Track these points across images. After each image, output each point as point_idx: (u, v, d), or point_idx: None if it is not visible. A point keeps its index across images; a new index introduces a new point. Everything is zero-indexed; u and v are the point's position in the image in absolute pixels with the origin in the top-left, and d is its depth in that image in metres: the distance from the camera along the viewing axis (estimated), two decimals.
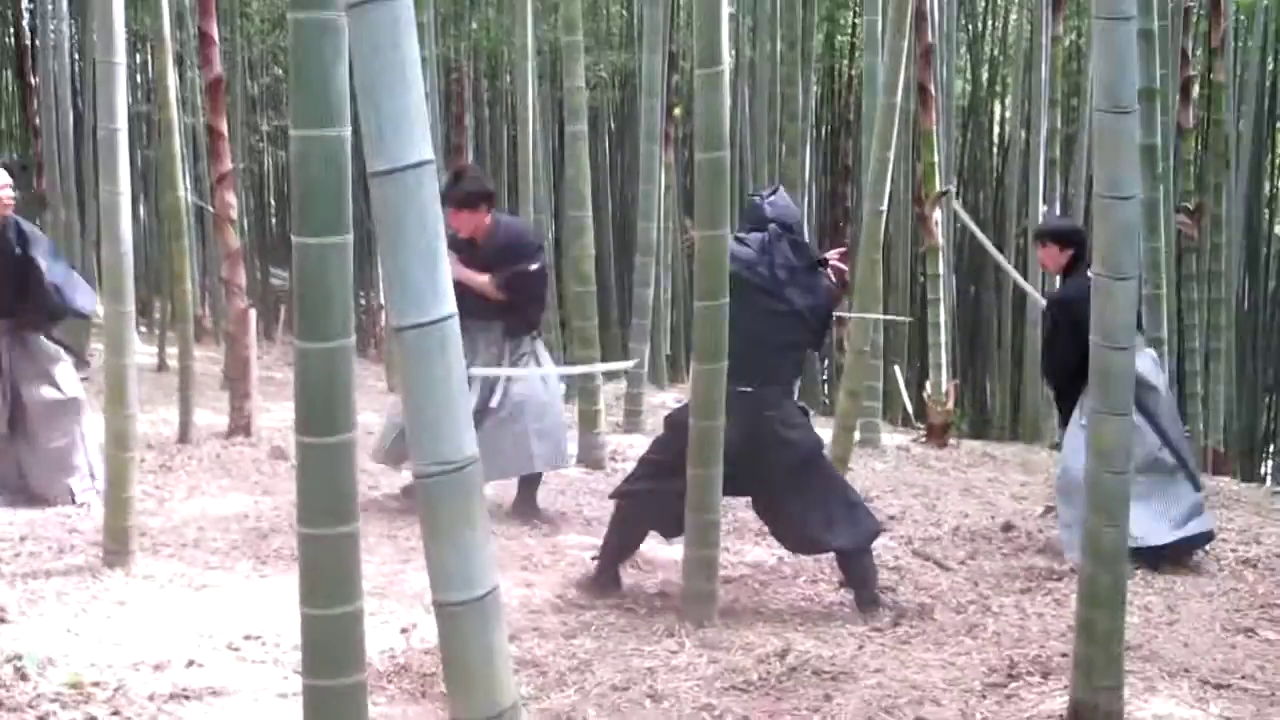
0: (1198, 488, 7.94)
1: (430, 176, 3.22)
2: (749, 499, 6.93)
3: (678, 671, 5.49)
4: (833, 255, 6.92)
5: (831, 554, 6.75)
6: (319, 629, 3.64)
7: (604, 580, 6.66)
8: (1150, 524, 7.36)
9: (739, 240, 6.48)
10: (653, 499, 6.50)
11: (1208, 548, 7.93)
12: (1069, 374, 7.54)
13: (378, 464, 8.75)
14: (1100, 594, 4.73)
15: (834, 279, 6.81)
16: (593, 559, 6.91)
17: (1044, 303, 8.08)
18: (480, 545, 3.32)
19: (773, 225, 6.53)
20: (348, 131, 3.51)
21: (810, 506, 6.44)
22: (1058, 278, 8.41)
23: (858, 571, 6.54)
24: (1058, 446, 14.28)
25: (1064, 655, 5.53)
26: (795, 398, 6.73)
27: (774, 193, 6.79)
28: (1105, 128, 4.50)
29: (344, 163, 3.51)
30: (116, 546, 6.70)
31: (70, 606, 6.05)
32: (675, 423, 6.53)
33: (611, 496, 6.93)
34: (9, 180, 8.05)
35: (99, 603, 6.13)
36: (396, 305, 3.23)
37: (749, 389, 6.27)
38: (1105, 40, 4.47)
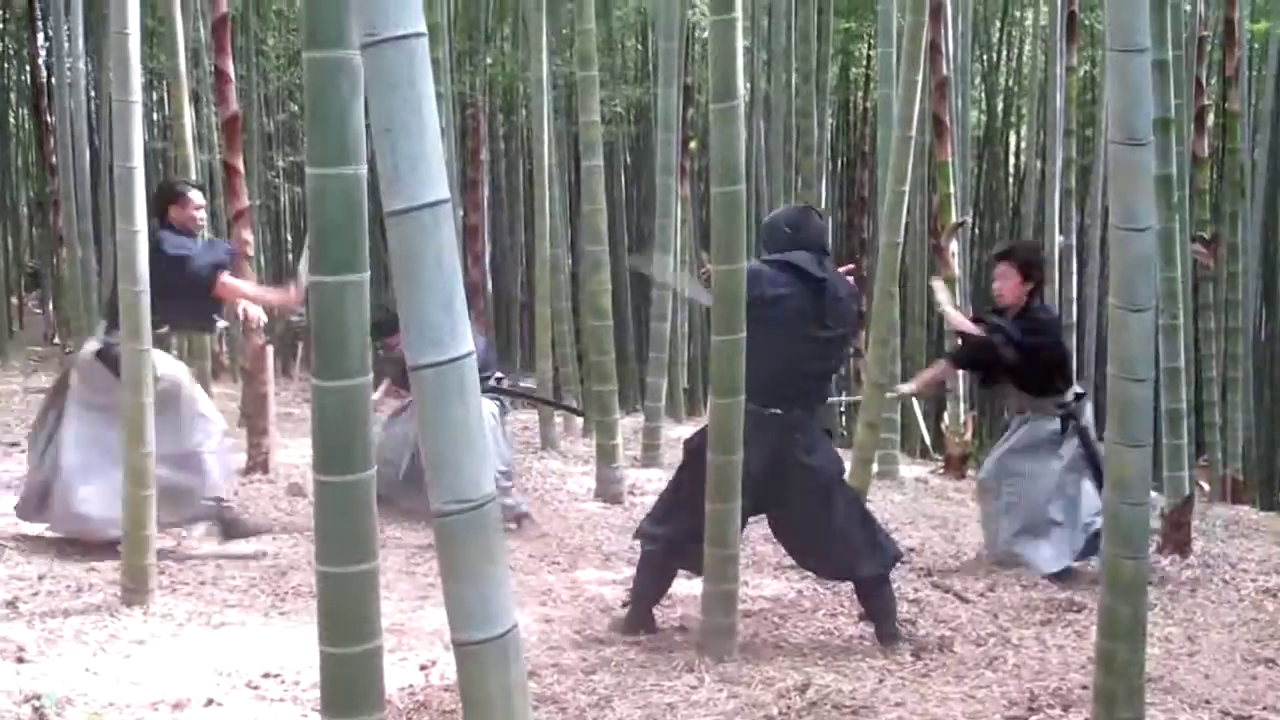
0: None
1: (446, 215, 3.23)
2: (769, 529, 6.91)
3: (698, 707, 5.47)
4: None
5: (850, 585, 6.74)
6: (338, 667, 3.64)
7: (636, 624, 6.62)
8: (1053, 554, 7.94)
9: (788, 263, 6.38)
10: (680, 539, 6.44)
11: (1228, 578, 7.92)
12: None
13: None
14: (1120, 626, 4.71)
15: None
16: (624, 605, 6.88)
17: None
18: (499, 583, 3.31)
19: (825, 249, 6.54)
20: (364, 169, 3.52)
21: (834, 531, 6.43)
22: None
23: (878, 602, 6.52)
24: None
25: (1084, 687, 5.50)
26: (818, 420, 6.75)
27: (818, 213, 6.78)
28: (1120, 159, 4.50)
29: (360, 201, 3.52)
30: (135, 585, 6.70)
31: (89, 645, 6.05)
32: (695, 450, 6.51)
33: (635, 537, 6.90)
34: (203, 201, 8.33)
35: (117, 641, 6.14)
36: (413, 344, 3.23)
37: (779, 411, 6.27)
38: (1119, 72, 4.47)
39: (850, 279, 6.74)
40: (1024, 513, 8.05)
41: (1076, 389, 8.38)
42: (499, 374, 9.53)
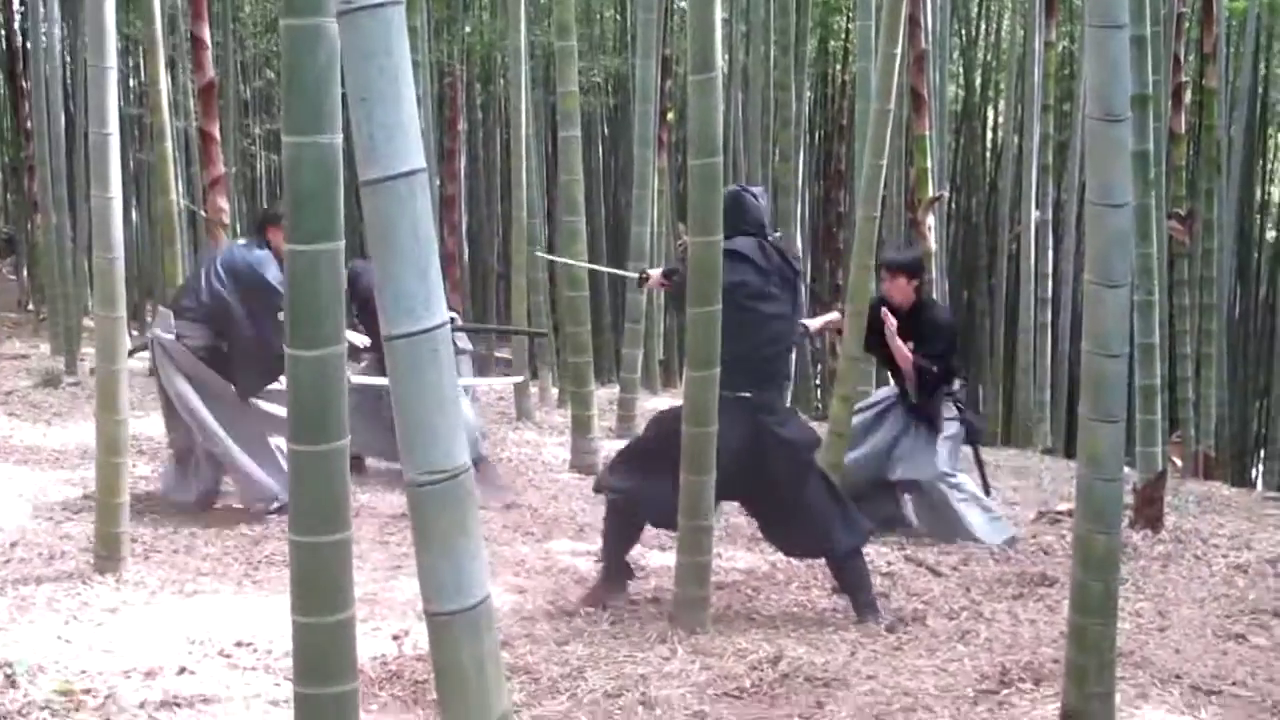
0: (986, 491, 8.74)
1: (422, 185, 3.21)
2: (740, 504, 6.93)
3: (670, 678, 5.48)
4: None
5: (823, 559, 6.76)
6: (311, 636, 3.64)
7: (613, 577, 6.64)
8: None
9: (734, 251, 6.37)
10: (643, 491, 6.47)
11: (1199, 553, 7.96)
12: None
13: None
14: (1092, 601, 4.73)
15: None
16: (596, 561, 6.89)
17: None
18: (473, 554, 3.31)
19: (765, 228, 6.57)
20: (339, 138, 3.51)
21: (808, 508, 6.46)
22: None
23: (852, 576, 6.53)
24: (1049, 451, 14.34)
25: (1056, 662, 5.53)
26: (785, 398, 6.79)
27: (764, 193, 6.81)
28: (1098, 135, 4.50)
29: (336, 170, 3.50)
30: (107, 553, 6.69)
31: (61, 613, 6.04)
32: (663, 420, 6.63)
33: (596, 489, 6.89)
34: None
35: (90, 609, 6.12)
36: (388, 314, 3.22)
37: (748, 394, 6.28)
38: (1098, 48, 4.47)
39: (796, 253, 6.80)
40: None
41: (961, 379, 8.98)
42: (453, 313, 9.54)
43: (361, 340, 8.70)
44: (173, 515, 8.12)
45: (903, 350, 8.41)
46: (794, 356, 6.86)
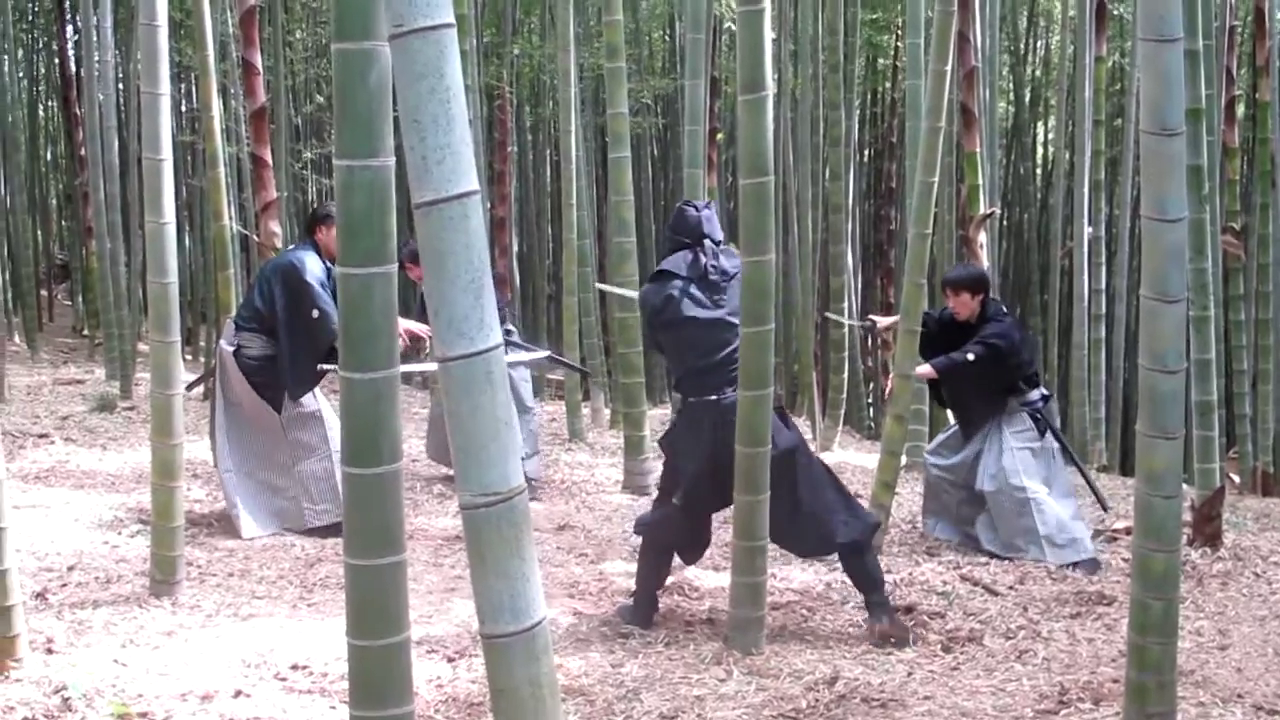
0: (1104, 508, 8.95)
1: (475, 207, 3.21)
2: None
3: (726, 700, 5.46)
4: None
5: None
6: (366, 659, 3.64)
7: (644, 608, 6.65)
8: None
9: (662, 269, 6.60)
10: (666, 525, 6.61)
11: (1259, 570, 7.88)
12: (984, 399, 8.52)
13: (430, 459, 9.56)
14: (1152, 620, 4.69)
15: None
16: (630, 594, 6.89)
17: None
18: (528, 576, 3.30)
19: (707, 240, 6.58)
20: (392, 161, 3.52)
21: (802, 503, 6.50)
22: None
23: (864, 571, 6.55)
24: (1106, 469, 14.23)
25: (1115, 681, 5.49)
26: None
27: (708, 206, 6.85)
28: (1152, 150, 4.47)
29: (388, 193, 3.52)
30: (163, 577, 6.73)
31: (117, 636, 6.07)
32: (666, 443, 6.73)
33: (636, 531, 6.93)
34: None
35: (146, 633, 6.15)
36: (442, 337, 3.22)
37: (715, 397, 6.36)
38: (1152, 62, 4.44)
39: (735, 252, 6.79)
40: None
41: (1043, 390, 8.71)
42: (509, 328, 9.64)
43: (424, 330, 8.71)
44: (227, 538, 8.15)
45: (924, 370, 8.50)
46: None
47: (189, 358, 18.42)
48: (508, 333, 9.06)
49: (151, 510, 6.84)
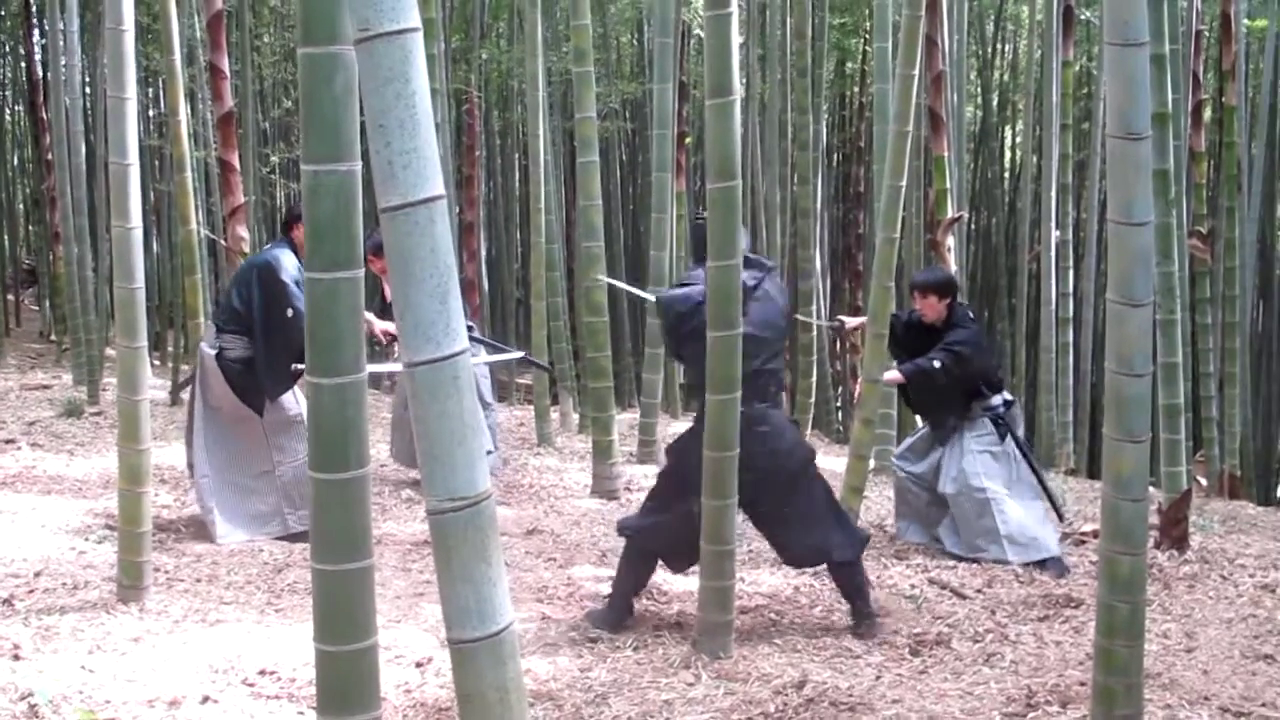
0: (1060, 518, 8.92)
1: (442, 212, 3.21)
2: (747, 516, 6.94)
3: (694, 704, 5.46)
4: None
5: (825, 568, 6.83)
6: (334, 665, 3.63)
7: (617, 612, 6.65)
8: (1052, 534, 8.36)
9: (682, 285, 6.61)
10: (660, 531, 6.61)
11: (1226, 573, 7.91)
12: (949, 404, 8.57)
13: (396, 462, 9.73)
14: (1119, 622, 4.70)
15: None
16: (606, 597, 6.89)
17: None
18: (495, 581, 3.30)
19: None
20: (358, 166, 3.51)
21: (804, 517, 6.55)
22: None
23: (855, 581, 6.63)
24: (1073, 472, 14.28)
25: (1082, 684, 5.50)
26: (782, 410, 6.83)
27: None
28: (1118, 154, 4.48)
29: (355, 197, 3.51)
30: (130, 582, 6.70)
31: (84, 642, 6.04)
32: (676, 450, 6.69)
33: (620, 532, 6.91)
34: None
35: (113, 639, 6.12)
36: (408, 341, 3.22)
37: (740, 408, 6.31)
38: (1118, 66, 4.45)
39: (765, 261, 6.85)
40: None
41: (1005, 396, 8.74)
42: (470, 324, 9.66)
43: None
44: (195, 544, 8.12)
45: (892, 377, 8.56)
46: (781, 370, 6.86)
47: (156, 363, 18.37)
48: (469, 328, 9.07)
49: (119, 515, 6.80)
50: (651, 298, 9.35)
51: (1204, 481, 13.33)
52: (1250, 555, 8.46)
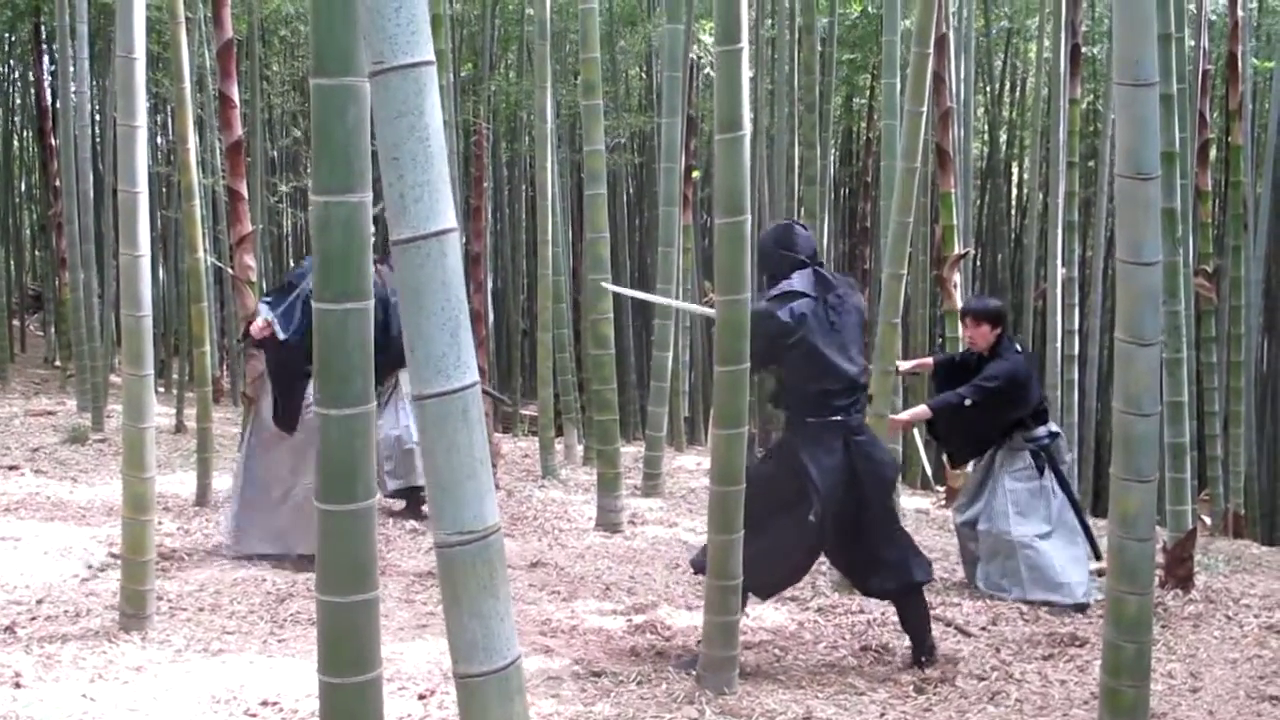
0: (1097, 556, 8.51)
1: (453, 245, 3.21)
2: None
3: None
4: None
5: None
6: (337, 697, 3.62)
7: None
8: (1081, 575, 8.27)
9: (792, 291, 6.48)
10: (775, 560, 6.55)
11: (1231, 613, 7.89)
12: (982, 439, 8.56)
13: None
14: (1124, 663, 4.69)
15: None
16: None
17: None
18: (502, 615, 3.29)
19: (816, 256, 6.66)
20: (369, 197, 3.51)
21: (892, 534, 6.59)
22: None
23: (923, 609, 6.69)
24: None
25: None
26: None
27: (802, 225, 6.88)
28: (1127, 193, 4.49)
29: (364, 228, 3.51)
30: (133, 611, 6.68)
31: (86, 671, 6.02)
32: (752, 478, 6.62)
33: (699, 571, 6.76)
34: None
35: (115, 667, 6.11)
36: (419, 373, 3.22)
37: (841, 417, 6.41)
38: (1127, 106, 4.47)
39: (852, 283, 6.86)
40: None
41: (1051, 427, 8.64)
42: None
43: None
44: (198, 572, 8.11)
45: (918, 414, 8.59)
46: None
47: (161, 390, 18.36)
48: None
49: (122, 543, 6.80)
50: (663, 300, 9.34)
51: (1208, 520, 13.29)
52: (1255, 595, 8.44)
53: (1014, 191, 26.44)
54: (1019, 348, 8.66)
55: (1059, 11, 15.11)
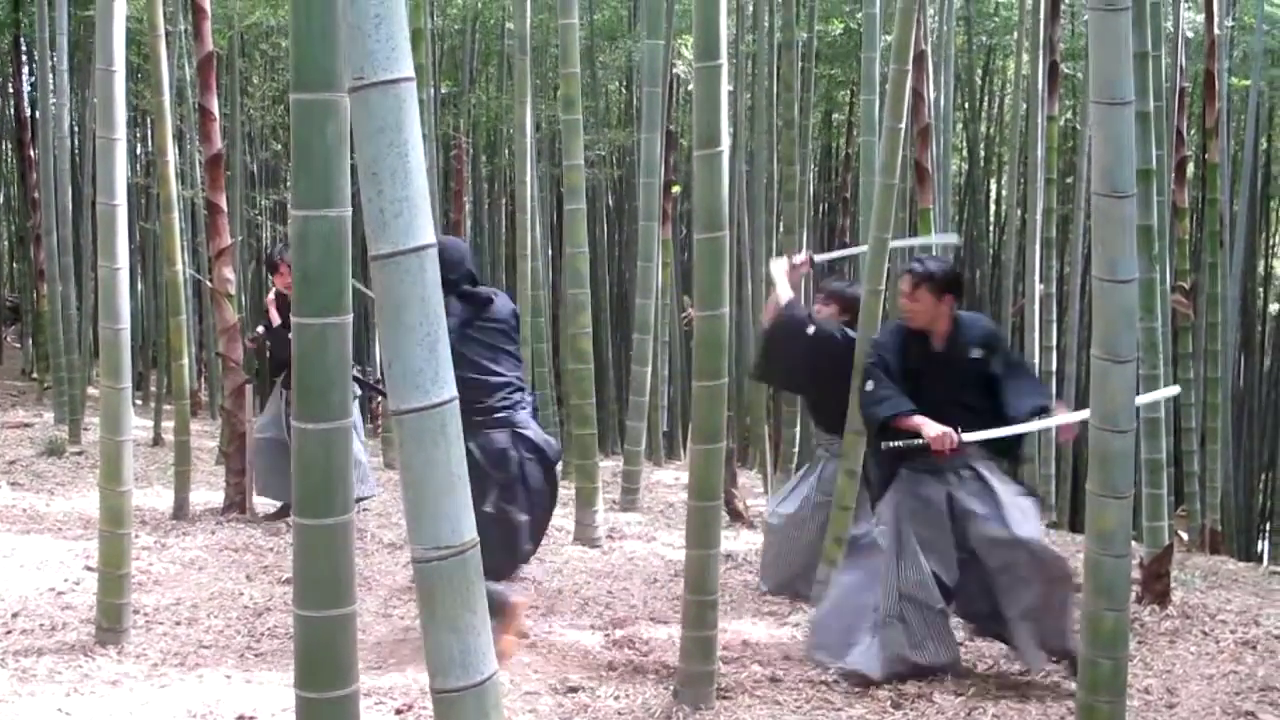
0: None
1: (432, 260, 3.22)
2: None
3: None
4: None
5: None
6: (314, 712, 3.62)
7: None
8: None
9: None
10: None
11: (1207, 629, 7.91)
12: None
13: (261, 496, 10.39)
14: (1100, 679, 4.70)
15: None
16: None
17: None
18: (479, 630, 3.30)
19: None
20: (348, 212, 3.52)
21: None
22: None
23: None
24: (1055, 525, 14.28)
25: None
26: None
27: None
28: (1103, 212, 4.51)
29: (344, 243, 3.52)
30: (110, 624, 6.67)
31: (62, 685, 6.01)
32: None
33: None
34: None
35: (91, 681, 6.09)
36: (396, 389, 3.22)
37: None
38: (1103, 125, 4.49)
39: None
40: None
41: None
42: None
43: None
44: (175, 587, 8.10)
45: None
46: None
47: (139, 403, 18.31)
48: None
49: (99, 557, 6.79)
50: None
51: (1185, 536, 13.33)
52: (1231, 611, 8.46)
53: (992, 208, 26.51)
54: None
55: (1037, 29, 15.18)
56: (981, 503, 6.56)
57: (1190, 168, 14.89)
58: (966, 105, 25.22)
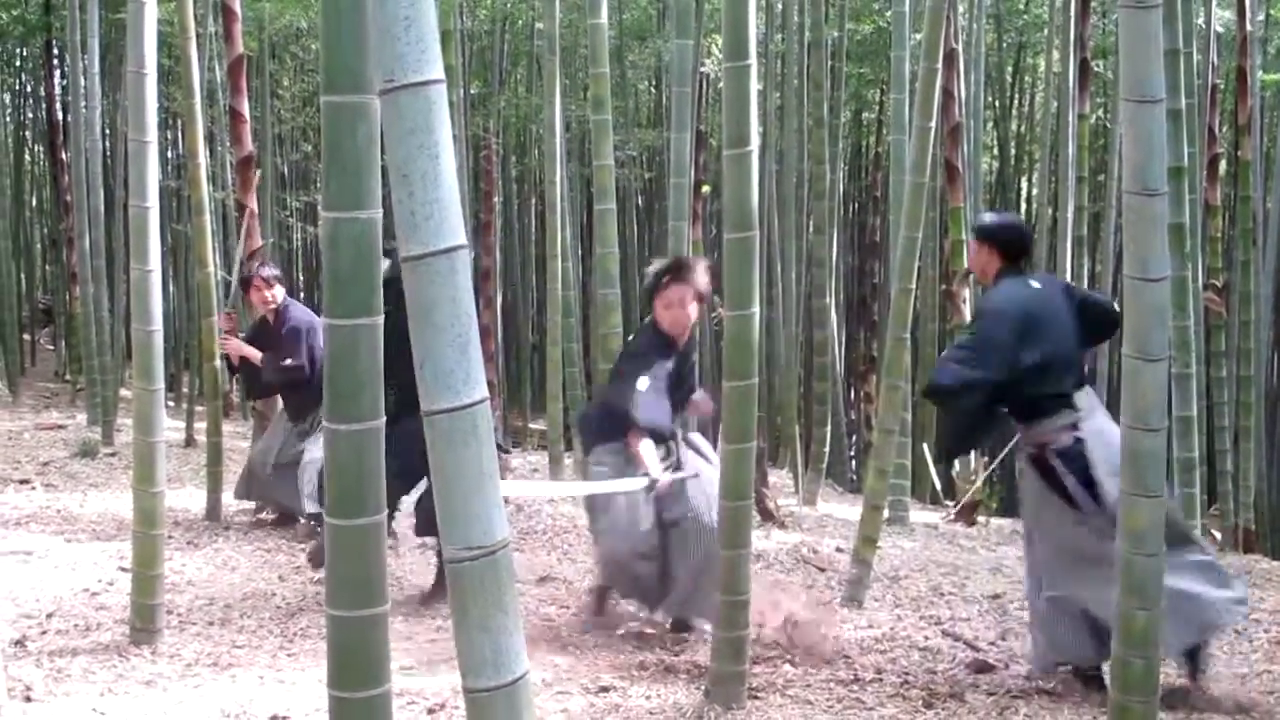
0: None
1: (464, 261, 3.23)
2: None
3: None
4: None
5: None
6: (347, 711, 3.63)
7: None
8: None
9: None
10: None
11: (1240, 628, 7.87)
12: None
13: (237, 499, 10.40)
14: (1133, 678, 4.69)
15: None
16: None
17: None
18: (511, 630, 3.30)
19: None
20: (379, 214, 3.53)
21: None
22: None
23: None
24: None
25: None
26: None
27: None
28: (1135, 210, 4.50)
29: (375, 244, 3.53)
30: (143, 625, 6.70)
31: (97, 685, 6.04)
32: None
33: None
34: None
35: (125, 682, 6.12)
36: (428, 390, 3.22)
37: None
38: (1134, 122, 4.47)
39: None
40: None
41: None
42: None
43: (252, 353, 9.92)
44: (208, 587, 8.13)
45: None
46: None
47: (171, 404, 18.38)
48: None
49: (132, 558, 6.82)
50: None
51: (1218, 535, 13.28)
52: (1265, 610, 8.42)
53: (1023, 206, 26.44)
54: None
55: (1068, 26, 15.13)
56: None
57: (1222, 165, 14.82)
58: (997, 103, 25.17)
